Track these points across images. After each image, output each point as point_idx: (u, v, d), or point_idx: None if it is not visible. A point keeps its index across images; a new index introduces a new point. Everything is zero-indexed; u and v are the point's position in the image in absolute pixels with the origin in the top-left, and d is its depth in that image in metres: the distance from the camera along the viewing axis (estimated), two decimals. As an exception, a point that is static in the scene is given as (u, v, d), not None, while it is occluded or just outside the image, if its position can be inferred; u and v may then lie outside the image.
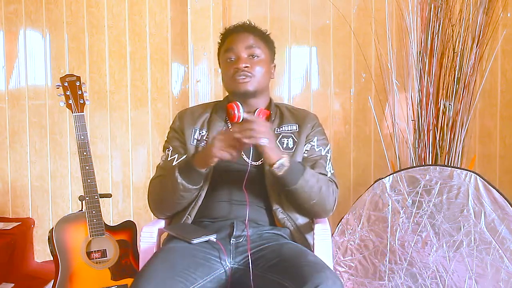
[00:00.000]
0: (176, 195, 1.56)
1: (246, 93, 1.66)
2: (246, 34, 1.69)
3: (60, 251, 2.03)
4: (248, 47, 1.66)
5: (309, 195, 1.55)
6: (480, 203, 2.09)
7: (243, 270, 1.47)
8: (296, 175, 1.51)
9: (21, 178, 3.05)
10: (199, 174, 1.53)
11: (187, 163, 1.54)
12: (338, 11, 2.74)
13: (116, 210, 3.00)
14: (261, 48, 1.68)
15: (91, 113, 2.95)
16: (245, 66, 1.63)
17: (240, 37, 1.68)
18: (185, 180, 1.52)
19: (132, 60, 2.95)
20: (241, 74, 1.63)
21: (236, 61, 1.65)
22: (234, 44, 1.67)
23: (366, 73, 2.77)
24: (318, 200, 1.57)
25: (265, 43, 1.72)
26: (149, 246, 1.62)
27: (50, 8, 2.97)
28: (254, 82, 1.65)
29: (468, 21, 2.37)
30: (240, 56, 1.65)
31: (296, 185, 1.51)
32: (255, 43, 1.68)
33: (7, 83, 3.04)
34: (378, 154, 2.75)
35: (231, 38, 1.70)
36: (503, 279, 2.03)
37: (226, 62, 1.68)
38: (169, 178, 1.56)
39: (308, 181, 1.53)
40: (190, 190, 1.55)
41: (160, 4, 2.91)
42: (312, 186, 1.54)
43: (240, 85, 1.64)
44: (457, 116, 2.39)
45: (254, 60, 1.66)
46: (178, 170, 1.53)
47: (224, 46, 1.71)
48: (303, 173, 1.52)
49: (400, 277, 2.16)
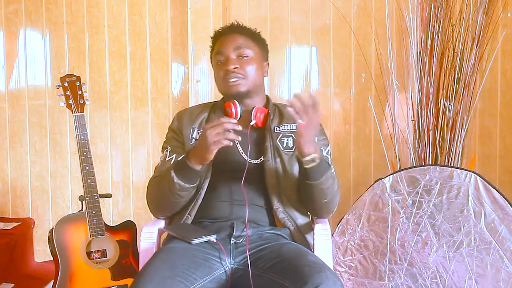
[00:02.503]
0: (173, 194, 1.56)
1: (239, 94, 1.66)
2: (234, 35, 1.69)
3: (60, 251, 2.03)
4: (236, 48, 1.66)
5: (325, 193, 1.55)
6: (480, 203, 2.09)
7: (243, 270, 1.47)
8: (321, 172, 1.51)
9: (21, 178, 3.04)
10: (194, 172, 1.52)
11: (182, 162, 1.53)
12: (338, 11, 2.74)
13: (116, 210, 3.00)
14: (250, 48, 1.68)
15: (91, 113, 2.95)
16: (234, 67, 1.63)
17: (228, 39, 1.68)
18: (181, 179, 1.52)
19: (132, 60, 2.95)
20: (232, 76, 1.63)
21: (225, 63, 1.65)
22: (223, 46, 1.67)
23: (366, 73, 2.77)
24: (330, 199, 1.59)
25: (255, 42, 1.71)
26: (149, 246, 1.62)
27: (50, 8, 2.97)
28: (245, 83, 1.65)
29: (468, 21, 2.37)
30: (229, 57, 1.65)
31: (318, 181, 1.51)
32: (244, 43, 1.68)
33: (7, 83, 3.04)
34: (378, 154, 2.75)
35: (220, 41, 1.70)
36: (503, 279, 2.03)
37: (216, 65, 1.69)
38: (165, 178, 1.56)
39: (328, 180, 1.53)
40: (187, 189, 1.54)
41: (160, 4, 2.91)
42: (330, 185, 1.55)
43: (231, 87, 1.65)
44: (457, 116, 2.40)
45: (243, 60, 1.66)
46: (174, 169, 1.53)
47: (215, 49, 1.72)
48: (327, 171, 1.53)
49: (400, 277, 2.16)
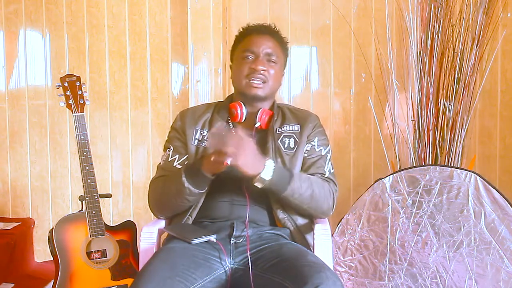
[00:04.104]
0: (181, 198, 1.55)
1: (256, 97, 1.65)
2: (268, 36, 1.68)
3: (60, 251, 2.03)
4: (268, 50, 1.65)
5: (300, 201, 1.54)
6: (480, 203, 2.08)
7: (243, 270, 1.47)
8: (281, 185, 1.49)
9: (21, 178, 3.04)
10: (207, 179, 1.51)
11: (195, 167, 1.51)
12: (338, 11, 2.74)
13: (116, 210, 3.00)
14: (279, 54, 1.68)
15: (91, 113, 2.95)
16: (262, 69, 1.62)
17: (262, 39, 1.66)
18: (192, 184, 1.51)
19: (132, 60, 2.95)
20: (256, 77, 1.62)
21: (253, 61, 1.63)
22: (255, 44, 1.65)
23: (366, 73, 2.77)
24: (311, 204, 1.57)
25: (282, 50, 1.71)
26: (149, 246, 1.62)
27: (50, 8, 2.97)
28: (266, 88, 1.64)
29: (468, 21, 2.37)
30: (259, 57, 1.63)
31: (284, 194, 1.51)
32: (275, 48, 1.67)
33: (7, 83, 3.04)
34: (378, 154, 2.75)
35: (252, 38, 1.67)
36: (503, 279, 2.03)
37: (242, 60, 1.66)
38: (173, 181, 1.55)
39: (297, 189, 1.51)
40: (196, 194, 1.54)
41: (160, 4, 2.91)
42: (302, 192, 1.53)
43: (253, 88, 1.63)
44: (457, 116, 2.39)
45: (270, 65, 1.65)
46: (185, 174, 1.51)
47: (243, 43, 1.68)
48: (289, 181, 1.50)
49: (400, 277, 2.16)
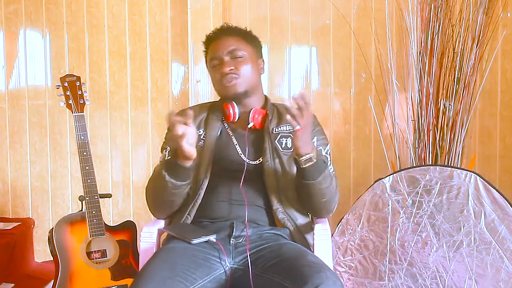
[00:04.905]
0: (167, 193, 1.56)
1: (237, 95, 1.66)
2: (225, 37, 1.70)
3: (60, 251, 2.03)
4: (229, 50, 1.66)
5: (323, 192, 1.55)
6: (480, 203, 2.08)
7: (243, 270, 1.48)
8: (318, 171, 1.51)
9: (21, 178, 3.04)
10: (183, 169, 1.51)
11: (172, 160, 1.53)
12: (338, 11, 2.74)
13: (116, 210, 3.00)
14: (243, 48, 1.68)
15: (91, 113, 2.95)
16: (230, 69, 1.64)
17: (220, 42, 1.69)
18: (172, 177, 1.52)
19: (132, 60, 2.95)
20: (228, 78, 1.64)
21: (220, 66, 1.66)
22: (216, 50, 1.68)
23: (366, 73, 2.77)
24: (329, 199, 1.58)
25: (247, 42, 1.71)
26: (149, 246, 1.62)
27: (50, 8, 2.97)
28: (242, 83, 1.65)
29: (468, 21, 2.37)
30: (223, 60, 1.66)
31: (315, 181, 1.51)
32: (236, 44, 1.68)
33: (7, 83, 3.04)
34: (378, 154, 2.75)
35: (213, 45, 1.71)
36: (503, 279, 2.03)
37: (212, 69, 1.69)
38: (157, 178, 1.56)
39: (326, 179, 1.53)
40: (179, 186, 1.54)
41: (160, 4, 2.91)
42: (328, 185, 1.55)
43: (228, 88, 1.65)
44: (457, 116, 2.39)
45: (238, 61, 1.66)
46: (165, 168, 1.53)
47: (209, 54, 1.73)
48: (324, 170, 1.52)
49: (400, 277, 2.16)
